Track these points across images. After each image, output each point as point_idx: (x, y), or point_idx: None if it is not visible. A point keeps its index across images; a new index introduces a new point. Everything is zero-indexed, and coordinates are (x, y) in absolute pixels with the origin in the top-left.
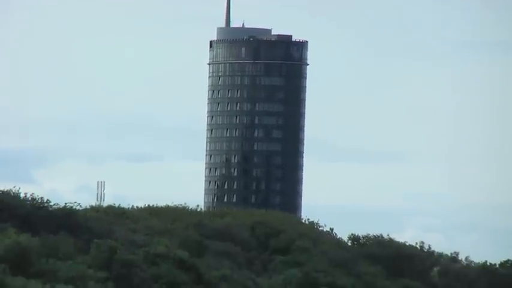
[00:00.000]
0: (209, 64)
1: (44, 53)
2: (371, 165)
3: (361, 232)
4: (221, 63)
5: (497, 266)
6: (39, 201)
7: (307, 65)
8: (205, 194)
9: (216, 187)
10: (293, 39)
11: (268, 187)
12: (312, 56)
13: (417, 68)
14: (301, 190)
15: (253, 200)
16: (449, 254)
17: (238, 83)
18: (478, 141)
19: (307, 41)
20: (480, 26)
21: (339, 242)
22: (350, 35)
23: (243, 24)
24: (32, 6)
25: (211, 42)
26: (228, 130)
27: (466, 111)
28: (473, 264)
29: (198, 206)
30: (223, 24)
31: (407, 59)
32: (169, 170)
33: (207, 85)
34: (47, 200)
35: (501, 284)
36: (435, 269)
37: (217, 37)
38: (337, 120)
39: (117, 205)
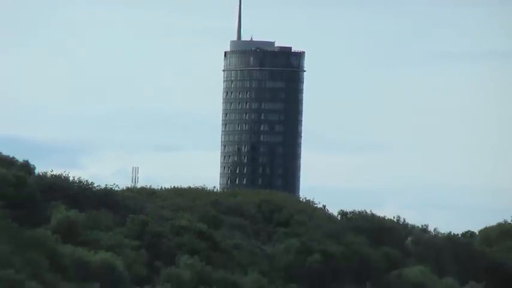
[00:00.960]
0: (224, 71)
1: (92, 60)
2: (358, 154)
3: (348, 208)
4: (233, 70)
5: (460, 236)
6: (85, 183)
7: (304, 71)
8: (220, 177)
9: (229, 172)
10: (292, 50)
11: (272, 172)
12: (308, 64)
13: (398, 71)
14: (299, 174)
15: (259, 182)
16: (420, 226)
17: (248, 86)
18: (445, 136)
19: (304, 52)
20: (463, 38)
21: (330, 217)
22: (341, 46)
23: (251, 38)
24: (63, 19)
25: (225, 52)
26: (239, 125)
27: (438, 113)
28: (440, 235)
29: (214, 187)
30: (235, 38)
31: (389, 65)
32: (191, 157)
33: (222, 88)
34: (91, 182)
35: (462, 250)
36: (409, 238)
37: (230, 48)
38: (329, 117)
39: (148, 186)
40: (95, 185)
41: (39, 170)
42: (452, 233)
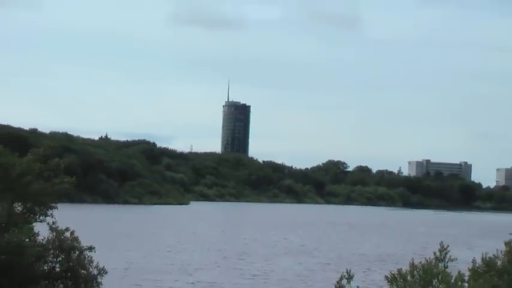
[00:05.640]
0: (222, 112)
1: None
2: (268, 139)
3: (267, 160)
4: (226, 111)
5: (308, 168)
6: (173, 150)
7: (251, 112)
8: (221, 148)
9: (224, 146)
10: (246, 104)
11: (239, 146)
12: (253, 109)
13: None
14: (249, 147)
15: (235, 150)
16: (288, 165)
17: (231, 117)
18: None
19: (250, 105)
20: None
21: (259, 163)
22: (264, 102)
23: (232, 100)
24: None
25: (223, 106)
26: (227, 130)
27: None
28: (295, 168)
29: (218, 152)
30: (226, 99)
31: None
32: (210, 142)
33: (222, 118)
34: (175, 149)
35: (308, 176)
36: (286, 170)
37: (224, 104)
38: (260, 127)
39: (196, 151)
40: (177, 150)
41: (158, 145)
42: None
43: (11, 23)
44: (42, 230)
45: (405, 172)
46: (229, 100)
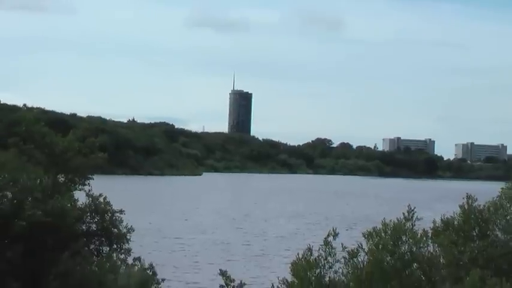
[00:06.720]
0: (229, 99)
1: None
2: (265, 123)
3: (267, 137)
4: (232, 99)
5: (300, 145)
6: (189, 130)
7: (252, 98)
8: (228, 130)
9: (230, 127)
10: (248, 92)
11: (243, 127)
12: (254, 96)
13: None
14: (251, 128)
15: (240, 131)
16: (286, 143)
17: (236, 103)
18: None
19: (252, 93)
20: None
21: (260, 141)
22: (263, 91)
23: (236, 89)
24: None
25: (229, 94)
26: (233, 114)
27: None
28: (291, 145)
29: (226, 133)
30: (232, 88)
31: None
32: (220, 124)
33: (228, 104)
34: (189, 129)
35: (300, 151)
36: (282, 147)
37: (230, 92)
38: (259, 112)
39: (207, 131)
40: (191, 131)
41: (176, 126)
42: (295, 145)
43: (50, 25)
44: (80, 196)
45: (380, 147)
46: (235, 89)
